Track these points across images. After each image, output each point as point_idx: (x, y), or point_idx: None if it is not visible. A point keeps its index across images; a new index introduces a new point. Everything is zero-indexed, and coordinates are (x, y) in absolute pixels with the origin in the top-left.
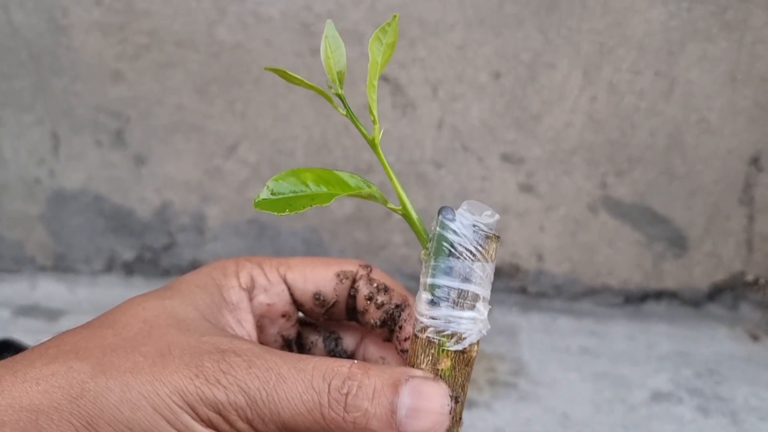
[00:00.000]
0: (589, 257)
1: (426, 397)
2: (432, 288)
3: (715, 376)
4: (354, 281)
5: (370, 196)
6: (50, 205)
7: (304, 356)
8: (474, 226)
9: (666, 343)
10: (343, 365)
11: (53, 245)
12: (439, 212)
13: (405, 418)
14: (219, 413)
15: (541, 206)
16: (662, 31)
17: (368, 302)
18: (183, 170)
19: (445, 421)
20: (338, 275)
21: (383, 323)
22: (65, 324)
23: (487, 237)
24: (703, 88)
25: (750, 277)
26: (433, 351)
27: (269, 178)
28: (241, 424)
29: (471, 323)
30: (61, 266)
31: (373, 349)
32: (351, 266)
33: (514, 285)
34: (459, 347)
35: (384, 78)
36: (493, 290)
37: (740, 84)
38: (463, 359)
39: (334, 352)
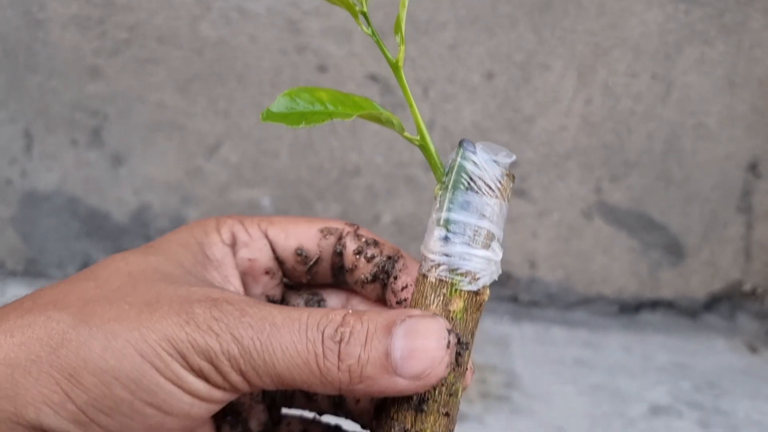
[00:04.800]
0: (583, 265)
1: (421, 334)
2: (447, 223)
3: (715, 389)
4: (340, 238)
5: (387, 121)
6: (22, 207)
7: (297, 308)
8: (494, 161)
9: (663, 354)
10: (337, 314)
11: (24, 249)
12: (460, 144)
13: (400, 360)
14: (211, 362)
15: (534, 211)
16: (659, 34)
17: (357, 257)
18: (163, 171)
19: (444, 358)
20: (322, 231)
21: (374, 277)
22: None
23: (506, 174)
24: (701, 92)
25: (748, 287)
26: (444, 291)
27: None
28: (234, 376)
29: (485, 263)
30: (33, 271)
31: (361, 309)
32: (336, 224)
33: (506, 293)
34: (473, 287)
35: (373, 77)
36: None
37: (738, 88)
38: (475, 302)
39: None
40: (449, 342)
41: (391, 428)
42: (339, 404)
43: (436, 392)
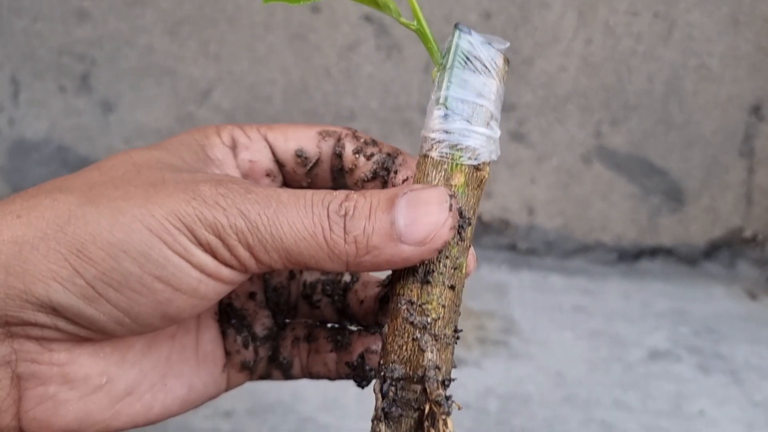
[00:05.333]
0: (582, 211)
1: (423, 201)
2: (446, 101)
3: (714, 335)
4: (339, 139)
5: (384, 6)
6: (10, 156)
7: (301, 189)
8: (489, 44)
9: (662, 301)
10: (341, 192)
11: None
12: (456, 26)
13: (404, 227)
14: (218, 236)
15: (532, 156)
16: None
17: (356, 156)
18: (153, 117)
19: (447, 220)
20: (321, 133)
21: (375, 175)
22: None
23: (501, 55)
24: (704, 31)
25: (748, 233)
26: (445, 167)
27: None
28: (241, 251)
29: (485, 140)
30: None
31: None
32: (335, 128)
33: (504, 242)
34: (474, 162)
35: (367, 18)
36: (481, 247)
37: (743, 27)
38: (476, 178)
39: None
40: (451, 205)
41: (397, 304)
42: (342, 311)
43: (441, 264)
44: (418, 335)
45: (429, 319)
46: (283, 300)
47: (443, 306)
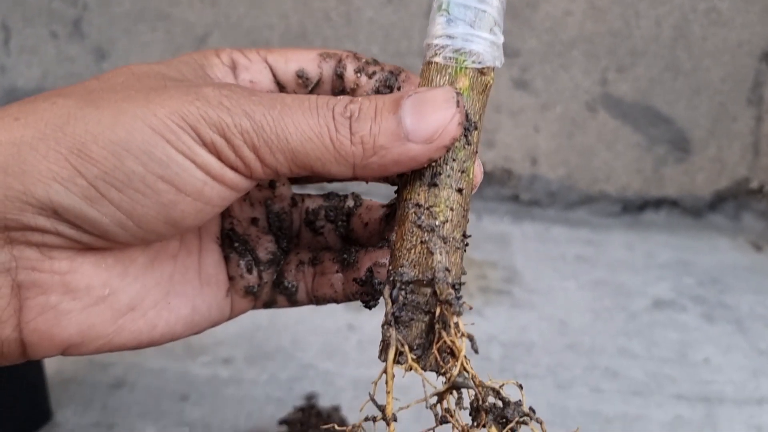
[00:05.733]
0: (587, 161)
1: (429, 99)
2: (448, 6)
3: (719, 285)
4: (340, 60)
5: None
6: (2, 105)
7: (305, 95)
8: None
9: (666, 252)
10: (345, 96)
11: None
12: None
13: (411, 125)
14: (223, 136)
15: (536, 104)
16: None
17: (358, 75)
18: None
19: (455, 116)
20: (321, 55)
21: (377, 92)
22: None
23: None
24: None
25: (754, 184)
26: (449, 71)
27: None
28: (246, 152)
29: (488, 45)
30: None
31: None
32: (335, 51)
33: (506, 193)
34: (478, 65)
35: None
36: (483, 198)
37: None
38: (481, 83)
39: None
40: (458, 101)
41: (404, 209)
42: (346, 236)
43: (448, 167)
44: (427, 237)
45: (437, 222)
46: (285, 226)
47: (451, 209)
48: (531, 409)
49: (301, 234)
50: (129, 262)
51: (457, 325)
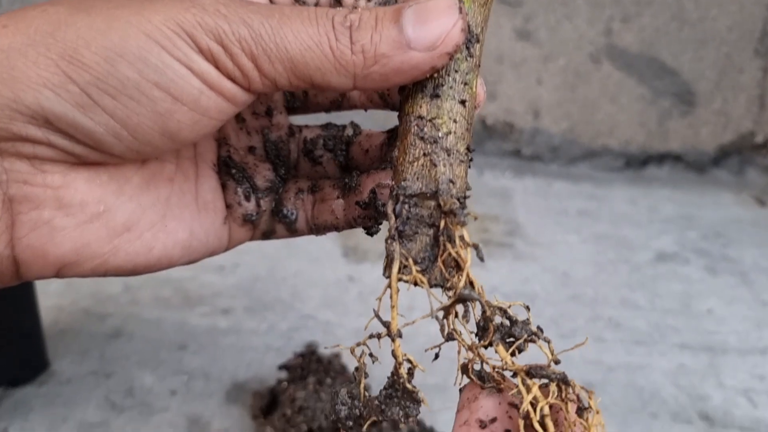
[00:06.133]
0: (590, 114)
1: (431, 7)
2: None
3: (722, 239)
4: None
5: None
6: None
7: (303, 6)
8: None
9: (669, 206)
10: (344, 8)
11: None
12: None
13: (413, 32)
14: (221, 44)
15: (539, 55)
16: None
17: None
18: None
19: (457, 21)
20: None
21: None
22: None
23: None
24: None
25: (759, 139)
26: None
27: None
28: (244, 60)
29: None
30: None
31: None
32: None
33: (508, 147)
34: None
35: None
36: (484, 153)
37: None
38: None
39: None
40: (461, 8)
41: (406, 123)
42: (345, 165)
43: (450, 79)
44: (430, 150)
45: (440, 134)
46: (283, 155)
47: (454, 121)
48: (539, 328)
49: (299, 164)
50: (124, 181)
51: (462, 237)
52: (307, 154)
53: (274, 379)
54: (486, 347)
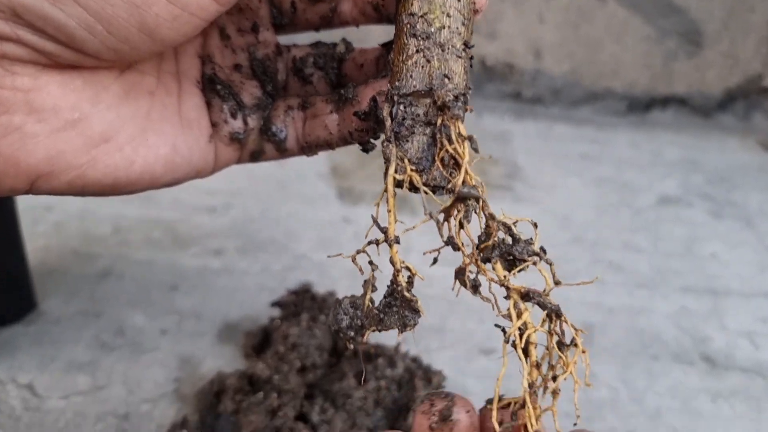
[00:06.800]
0: (593, 54)
1: None
2: None
3: (727, 184)
4: None
5: None
6: None
7: None
8: None
9: (673, 151)
10: None
11: None
12: None
13: None
14: None
15: None
16: None
17: None
18: None
19: None
20: None
21: None
22: None
23: None
24: None
25: (767, 82)
26: None
27: None
28: None
29: None
30: None
31: None
32: None
33: (508, 89)
34: None
35: None
36: (484, 96)
37: None
38: None
39: None
40: None
41: (399, 23)
42: (337, 83)
43: None
44: (423, 45)
45: (432, 28)
46: (270, 72)
47: (447, 15)
48: (542, 249)
49: (288, 84)
50: (101, 88)
51: (460, 132)
52: (297, 72)
53: (267, 318)
54: (485, 262)
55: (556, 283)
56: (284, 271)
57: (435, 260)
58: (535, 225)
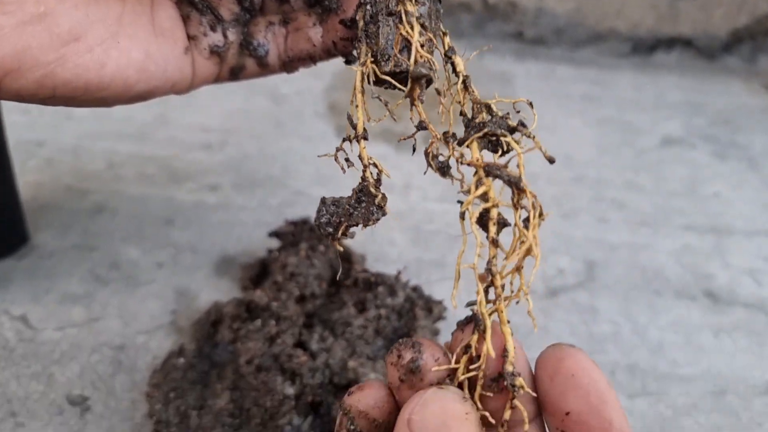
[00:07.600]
0: None
1: None
2: None
3: (731, 125)
4: None
5: None
6: None
7: None
8: None
9: (677, 93)
10: None
11: None
12: None
13: None
14: None
15: None
16: None
17: None
18: None
19: None
20: None
21: None
22: None
23: None
24: None
25: None
26: None
27: None
28: None
29: None
30: None
31: None
32: None
33: (510, 29)
34: None
35: None
36: (485, 36)
37: None
38: None
39: None
40: None
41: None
42: (315, 3)
43: None
44: None
45: None
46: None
47: None
48: (521, 123)
49: (266, 5)
50: None
51: (408, 12)
52: None
53: (265, 251)
54: (460, 144)
55: (548, 156)
56: (281, 207)
57: (414, 149)
58: (531, 104)
